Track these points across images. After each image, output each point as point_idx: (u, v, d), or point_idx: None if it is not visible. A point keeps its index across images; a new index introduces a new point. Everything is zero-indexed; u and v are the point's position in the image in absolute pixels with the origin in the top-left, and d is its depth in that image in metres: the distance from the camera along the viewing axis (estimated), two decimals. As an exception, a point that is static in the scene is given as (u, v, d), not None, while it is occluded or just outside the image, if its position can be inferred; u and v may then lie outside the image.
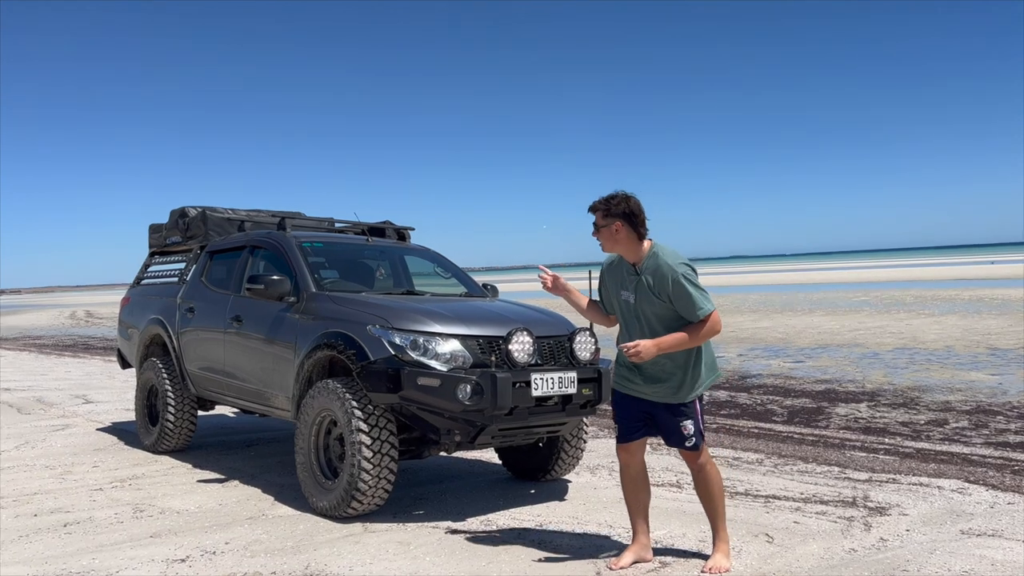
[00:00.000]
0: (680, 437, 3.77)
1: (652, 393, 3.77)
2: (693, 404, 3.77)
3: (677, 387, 3.74)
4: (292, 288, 5.43)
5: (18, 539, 4.39)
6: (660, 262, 3.71)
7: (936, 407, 7.94)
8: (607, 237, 3.77)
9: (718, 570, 3.73)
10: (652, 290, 3.70)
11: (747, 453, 6.32)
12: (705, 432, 3.88)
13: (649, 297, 3.71)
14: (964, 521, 4.46)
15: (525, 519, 4.70)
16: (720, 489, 3.86)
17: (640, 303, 3.74)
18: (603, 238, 3.78)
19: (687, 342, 3.65)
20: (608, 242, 3.78)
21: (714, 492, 3.83)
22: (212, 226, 6.99)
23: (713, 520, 3.86)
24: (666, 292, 3.67)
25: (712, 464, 3.86)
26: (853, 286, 35.31)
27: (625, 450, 3.90)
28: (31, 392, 10.85)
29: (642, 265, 3.76)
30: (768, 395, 9.12)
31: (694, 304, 3.64)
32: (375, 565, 3.92)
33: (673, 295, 3.65)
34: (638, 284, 3.75)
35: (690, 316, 3.66)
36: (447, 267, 6.67)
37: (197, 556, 4.08)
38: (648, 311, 3.72)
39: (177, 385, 6.58)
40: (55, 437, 7.49)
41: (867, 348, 13.15)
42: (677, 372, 3.73)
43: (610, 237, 3.76)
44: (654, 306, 3.71)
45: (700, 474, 3.83)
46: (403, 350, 4.57)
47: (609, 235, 3.75)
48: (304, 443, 4.90)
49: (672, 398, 3.75)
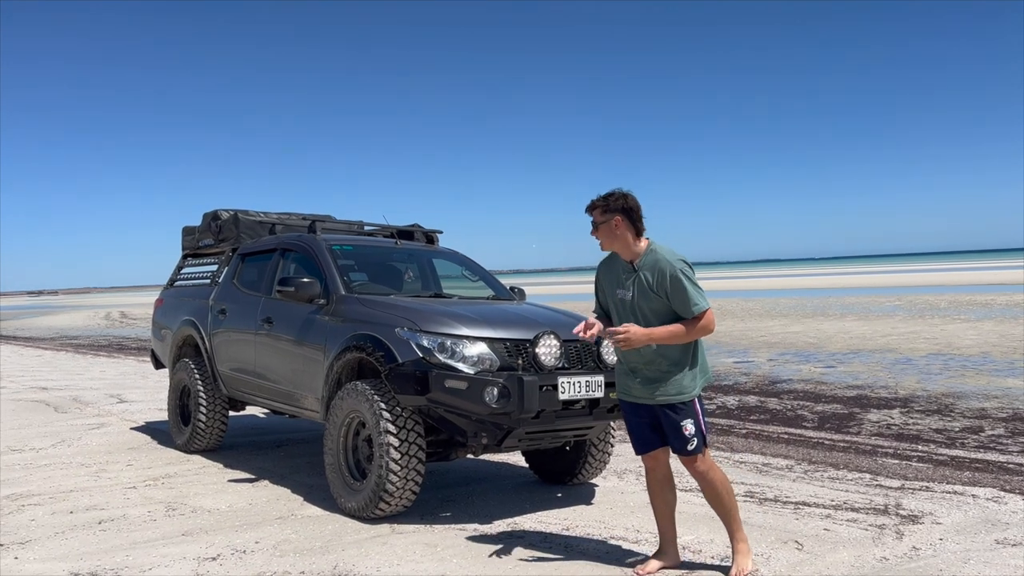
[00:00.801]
0: (682, 440, 3.71)
1: (651, 396, 3.74)
2: (693, 404, 3.74)
3: (675, 385, 3.71)
4: (322, 290, 5.48)
5: (54, 535, 4.48)
6: (659, 257, 3.71)
7: (971, 414, 7.80)
8: (606, 234, 3.76)
9: (742, 572, 3.70)
10: (650, 286, 3.70)
11: (777, 459, 6.26)
12: (708, 436, 3.85)
13: (647, 293, 3.70)
14: (999, 531, 4.38)
15: (552, 523, 4.70)
16: (728, 490, 3.80)
17: (637, 300, 3.73)
18: (602, 235, 3.77)
19: (680, 335, 3.63)
20: (607, 239, 3.77)
21: (722, 495, 3.77)
22: (244, 229, 7.09)
23: (728, 523, 3.81)
24: (664, 287, 3.66)
25: (716, 469, 3.80)
26: (886, 290, 34.79)
27: (650, 457, 3.88)
28: (67, 391, 11.06)
29: (639, 262, 3.75)
30: (798, 400, 9.02)
31: (690, 299, 3.64)
32: (402, 566, 3.94)
33: (671, 290, 3.65)
34: (636, 281, 3.74)
35: (685, 312, 3.65)
36: (475, 270, 6.70)
37: (228, 555, 4.14)
38: (645, 307, 3.71)
39: (209, 386, 6.67)
40: (90, 436, 7.63)
41: (900, 353, 12.96)
42: (673, 370, 3.71)
43: (609, 233, 3.75)
44: (651, 302, 3.70)
45: (704, 480, 3.78)
46: (431, 353, 4.60)
47: (608, 231, 3.74)
48: (333, 444, 4.94)
49: (672, 397, 3.71)
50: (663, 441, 3.83)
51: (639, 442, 3.88)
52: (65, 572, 3.89)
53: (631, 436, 3.92)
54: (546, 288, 54.16)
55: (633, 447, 3.92)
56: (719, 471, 3.82)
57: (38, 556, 4.13)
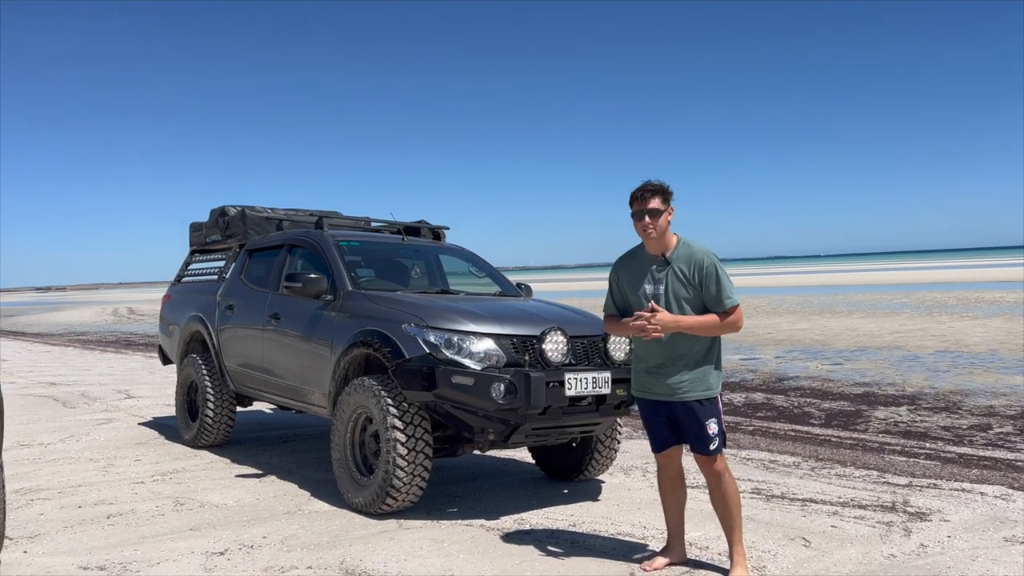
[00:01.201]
0: (704, 439, 3.67)
1: (676, 393, 3.67)
2: (716, 402, 3.71)
3: (701, 382, 3.66)
4: (329, 286, 5.49)
5: (63, 529, 4.50)
6: (693, 250, 3.68)
7: (979, 411, 7.77)
8: (663, 223, 3.65)
9: None
10: (686, 278, 3.64)
11: (783, 456, 6.24)
12: (727, 437, 3.82)
13: (681, 287, 3.64)
14: (1007, 528, 4.36)
15: (558, 519, 4.70)
16: (737, 500, 3.75)
17: (671, 293, 3.65)
18: (660, 225, 3.64)
19: (709, 327, 3.60)
20: (661, 229, 3.65)
21: (731, 502, 3.72)
22: (251, 225, 7.10)
23: (729, 532, 3.74)
24: (699, 278, 3.62)
25: (730, 473, 3.76)
26: (893, 288, 34.68)
27: (664, 455, 3.85)
28: (75, 387, 11.11)
29: (672, 255, 3.69)
30: (805, 397, 9.00)
31: (724, 292, 3.61)
32: (409, 562, 3.95)
33: (705, 281, 3.61)
34: (669, 274, 3.67)
35: (717, 305, 3.61)
36: (481, 266, 6.70)
37: (235, 549, 4.15)
38: (680, 301, 3.64)
39: (216, 381, 6.69)
40: (98, 431, 7.66)
41: (907, 351, 12.91)
42: (700, 367, 3.66)
43: (664, 223, 3.66)
44: (686, 295, 3.64)
45: (717, 481, 3.72)
46: (438, 348, 4.60)
47: (665, 221, 3.66)
48: (340, 440, 4.96)
49: (699, 394, 3.66)
50: (678, 439, 3.80)
51: (657, 440, 3.83)
52: (74, 566, 3.91)
53: (649, 434, 3.87)
54: (553, 285, 54.16)
55: (651, 445, 3.88)
56: (732, 476, 3.78)
57: (47, 550, 4.15)
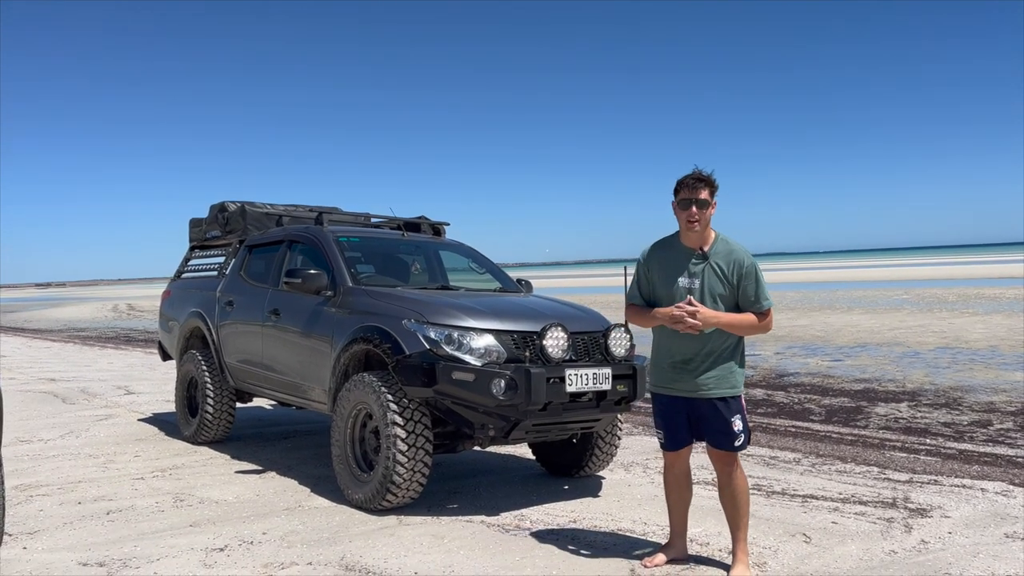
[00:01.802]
0: (729, 436, 3.62)
1: (700, 388, 3.62)
2: (740, 400, 3.67)
3: (729, 379, 3.62)
4: (329, 282, 5.47)
5: (63, 525, 4.50)
6: (733, 247, 3.64)
7: (980, 408, 7.77)
8: (708, 216, 3.60)
9: None
10: (724, 275, 3.59)
11: (784, 452, 6.24)
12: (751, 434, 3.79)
13: (718, 283, 3.60)
14: (1008, 524, 4.36)
15: (558, 515, 4.69)
16: (747, 498, 3.72)
17: (707, 288, 3.60)
18: (706, 217, 3.58)
19: (744, 325, 3.56)
20: (706, 221, 3.60)
21: (741, 500, 3.70)
22: (251, 221, 7.09)
23: (735, 529, 3.72)
24: (738, 276, 3.58)
25: (742, 471, 3.74)
26: (893, 284, 34.66)
27: (675, 454, 3.80)
28: (75, 383, 11.11)
29: (711, 249, 3.63)
30: (806, 394, 8.99)
31: (762, 293, 3.59)
32: (409, 557, 3.94)
33: (744, 280, 3.58)
34: (706, 269, 3.61)
35: (753, 305, 3.58)
36: (482, 262, 6.69)
37: (235, 546, 4.15)
38: (715, 297, 3.59)
39: (216, 377, 6.68)
40: (98, 427, 7.65)
41: (908, 347, 12.90)
42: (729, 364, 3.63)
43: (709, 216, 3.60)
44: (723, 292, 3.59)
45: (732, 480, 3.69)
46: (438, 344, 4.59)
47: (710, 214, 3.60)
48: (340, 436, 4.95)
49: (727, 391, 3.62)
50: (693, 438, 3.76)
51: (673, 439, 3.75)
52: (73, 562, 3.91)
53: (666, 431, 3.76)
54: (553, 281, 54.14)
55: (666, 442, 3.78)
56: (744, 473, 3.75)
57: (46, 546, 4.14)
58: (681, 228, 3.67)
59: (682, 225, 3.64)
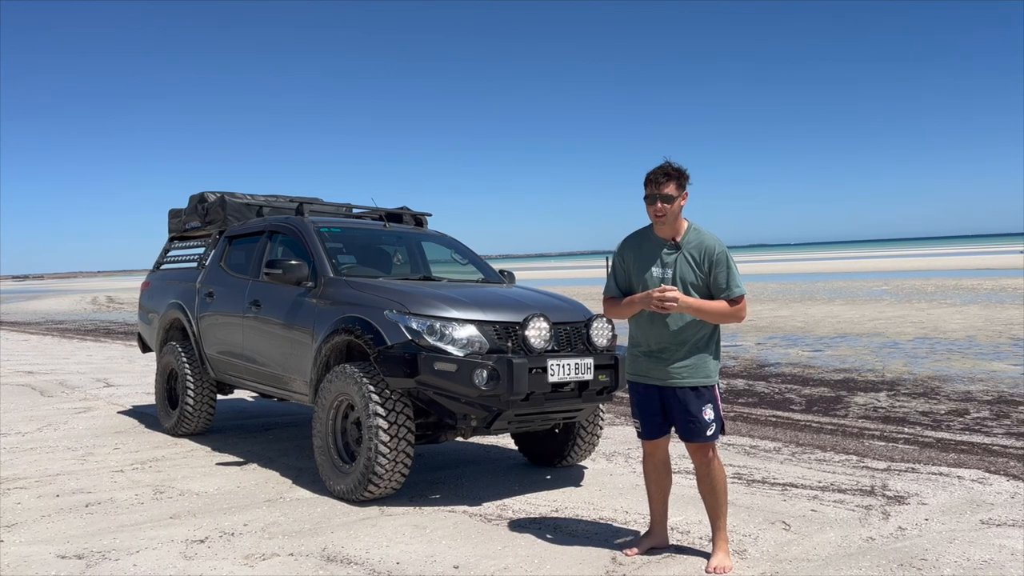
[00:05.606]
0: (700, 426, 3.63)
1: (671, 377, 3.65)
2: (713, 390, 3.69)
3: (702, 368, 3.64)
4: (310, 273, 5.44)
5: (41, 519, 4.45)
6: (704, 236, 3.67)
7: (957, 397, 7.87)
8: (675, 209, 3.62)
9: (722, 570, 3.61)
10: (696, 263, 3.63)
11: (764, 441, 6.29)
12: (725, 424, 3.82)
13: (690, 271, 3.63)
14: (984, 511, 4.42)
15: (541, 504, 4.71)
16: (725, 487, 3.74)
17: (679, 278, 3.63)
18: (672, 211, 3.60)
19: (717, 313, 3.58)
20: (673, 215, 3.62)
21: (719, 489, 3.72)
22: (231, 211, 7.03)
23: (715, 518, 3.73)
24: (709, 264, 3.61)
25: (719, 460, 3.75)
26: (873, 275, 35.00)
27: (653, 443, 3.82)
28: (54, 375, 10.99)
29: (683, 239, 3.67)
30: (786, 384, 9.07)
31: (733, 280, 3.61)
32: (391, 548, 3.94)
33: (715, 268, 3.61)
34: (679, 259, 3.65)
35: (724, 292, 3.61)
36: (464, 253, 6.67)
37: (216, 537, 4.13)
38: (687, 286, 3.61)
39: (196, 369, 6.64)
40: (77, 420, 7.58)
41: (887, 337, 13.04)
42: (701, 353, 3.65)
43: (677, 209, 3.62)
44: (695, 281, 3.62)
45: (708, 470, 3.71)
46: (420, 335, 4.58)
47: (678, 207, 3.62)
48: (321, 427, 4.93)
49: (699, 380, 3.64)
50: (669, 427, 3.78)
51: (650, 428, 3.78)
52: (51, 555, 3.87)
53: (642, 420, 3.79)
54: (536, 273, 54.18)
55: (642, 431, 3.81)
56: (721, 463, 3.77)
57: (24, 539, 4.10)
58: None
59: (651, 219, 3.70)
